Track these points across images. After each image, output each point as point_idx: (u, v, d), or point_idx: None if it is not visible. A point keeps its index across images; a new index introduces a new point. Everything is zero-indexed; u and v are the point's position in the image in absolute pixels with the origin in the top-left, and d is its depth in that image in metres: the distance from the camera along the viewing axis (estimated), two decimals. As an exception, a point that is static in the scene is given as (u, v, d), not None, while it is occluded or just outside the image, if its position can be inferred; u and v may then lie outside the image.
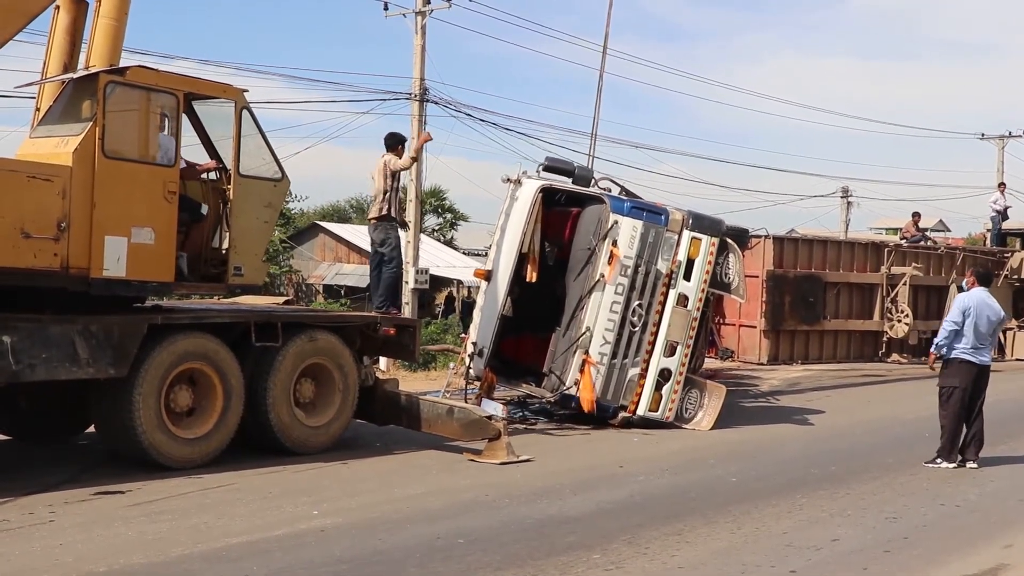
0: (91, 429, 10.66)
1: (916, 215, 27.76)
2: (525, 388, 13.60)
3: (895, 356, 23.69)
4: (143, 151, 9.59)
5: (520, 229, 12.94)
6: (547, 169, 13.80)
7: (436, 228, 53.14)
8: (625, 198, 13.50)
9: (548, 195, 13.31)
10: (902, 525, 8.41)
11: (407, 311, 26.17)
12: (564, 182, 13.64)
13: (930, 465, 10.82)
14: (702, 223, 13.28)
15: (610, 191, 13.75)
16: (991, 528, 8.53)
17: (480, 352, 13.02)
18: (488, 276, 13.26)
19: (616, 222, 12.82)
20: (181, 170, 9.78)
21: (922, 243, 26.20)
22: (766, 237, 21.36)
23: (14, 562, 6.75)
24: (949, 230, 60.62)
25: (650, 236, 12.92)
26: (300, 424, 10.49)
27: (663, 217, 13.10)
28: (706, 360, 17.70)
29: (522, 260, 13.03)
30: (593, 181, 13.90)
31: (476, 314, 13.69)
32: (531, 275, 13.04)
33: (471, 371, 13.12)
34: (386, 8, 25.72)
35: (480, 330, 13.22)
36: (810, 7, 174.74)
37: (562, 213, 13.67)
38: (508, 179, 13.43)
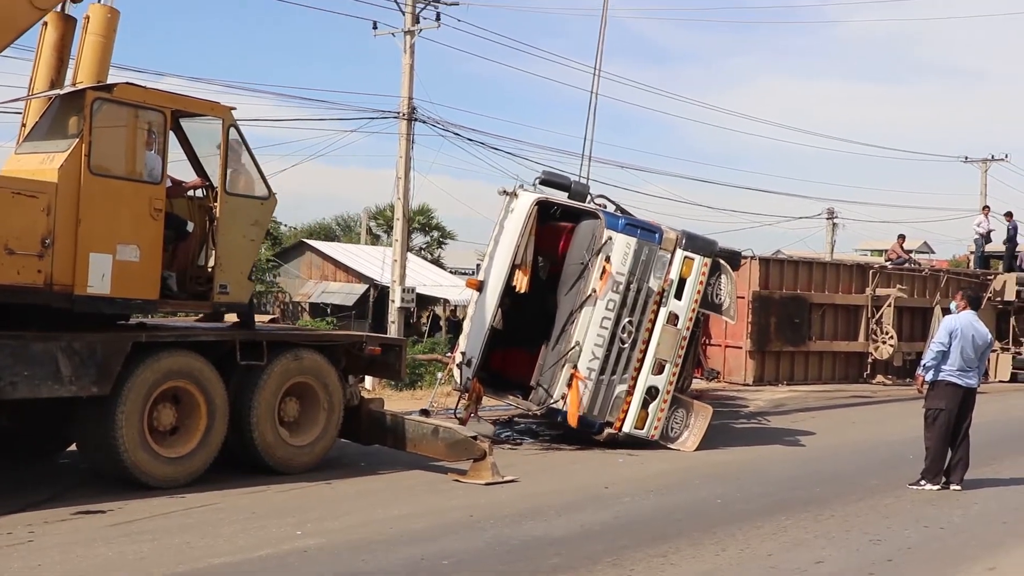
0: (73, 447, 10.58)
1: (901, 237, 27.89)
2: (512, 401, 13.61)
3: (880, 377, 23.75)
4: (129, 168, 9.56)
5: (514, 241, 13.01)
6: (544, 183, 13.85)
7: (423, 247, 53.19)
8: (620, 215, 13.55)
9: (543, 209, 13.37)
10: (886, 547, 8.41)
11: (392, 330, 26.16)
12: (560, 196, 13.69)
13: (914, 487, 10.83)
14: (695, 243, 13.33)
15: (605, 208, 13.79)
16: (975, 550, 8.53)
17: (468, 362, 13.04)
18: (480, 287, 13.32)
19: (610, 238, 12.86)
20: (167, 188, 9.75)
21: (907, 265, 26.33)
22: (752, 258, 21.41)
23: (-7, 582, 6.69)
24: (933, 252, 60.93)
25: (643, 254, 12.95)
26: (284, 443, 10.44)
27: (657, 235, 13.14)
28: (693, 380, 17.70)
29: (514, 271, 13.06)
30: (589, 197, 13.94)
31: (466, 324, 13.71)
32: (521, 285, 13.05)
33: (459, 380, 13.13)
34: (375, 27, 25.86)
35: (469, 340, 13.24)
36: (797, 31, 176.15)
37: (557, 228, 13.71)
38: (504, 191, 13.52)
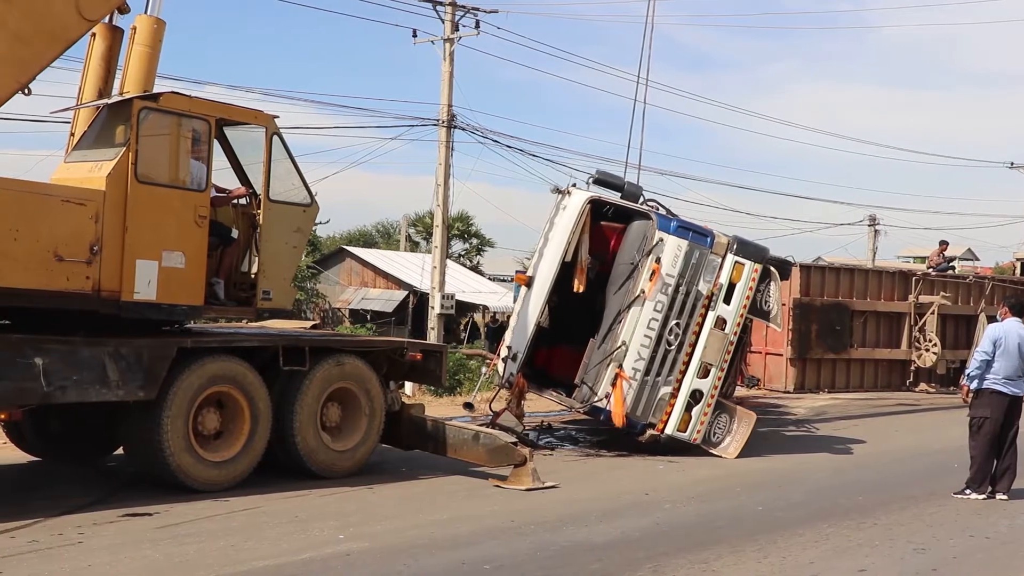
0: (119, 451, 10.74)
1: (943, 243, 27.61)
2: (555, 397, 13.63)
3: (923, 385, 23.52)
4: (175, 176, 9.69)
5: (565, 239, 13.07)
6: (597, 182, 13.91)
7: (462, 253, 53.35)
8: (672, 217, 13.55)
9: (596, 208, 13.39)
10: (931, 556, 8.33)
11: (432, 336, 26.25)
12: (613, 196, 13.72)
13: (959, 496, 10.71)
14: (747, 249, 13.31)
15: (657, 210, 13.78)
16: (1022, 561, 8.42)
17: (514, 356, 13.08)
18: (529, 282, 13.36)
19: (661, 239, 12.88)
20: (212, 198, 9.88)
21: (949, 272, 26.06)
22: (793, 265, 21.28)
23: (43, 582, 6.80)
24: (978, 259, 60.20)
25: (694, 257, 12.95)
26: (326, 448, 10.52)
27: (708, 239, 13.14)
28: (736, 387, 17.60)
29: (565, 269, 13.09)
30: (641, 198, 13.96)
31: (512, 319, 13.77)
32: (579, 285, 13.10)
33: (502, 375, 13.19)
34: (415, 35, 25.98)
35: (515, 335, 13.29)
36: (837, 37, 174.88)
37: (608, 228, 13.74)
38: (557, 189, 13.62)
